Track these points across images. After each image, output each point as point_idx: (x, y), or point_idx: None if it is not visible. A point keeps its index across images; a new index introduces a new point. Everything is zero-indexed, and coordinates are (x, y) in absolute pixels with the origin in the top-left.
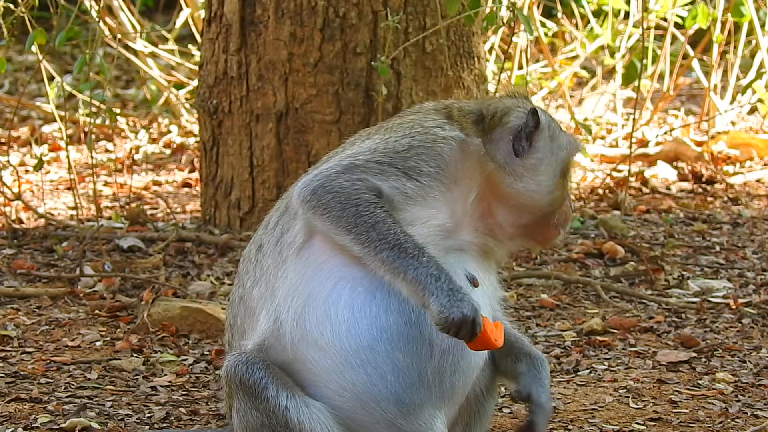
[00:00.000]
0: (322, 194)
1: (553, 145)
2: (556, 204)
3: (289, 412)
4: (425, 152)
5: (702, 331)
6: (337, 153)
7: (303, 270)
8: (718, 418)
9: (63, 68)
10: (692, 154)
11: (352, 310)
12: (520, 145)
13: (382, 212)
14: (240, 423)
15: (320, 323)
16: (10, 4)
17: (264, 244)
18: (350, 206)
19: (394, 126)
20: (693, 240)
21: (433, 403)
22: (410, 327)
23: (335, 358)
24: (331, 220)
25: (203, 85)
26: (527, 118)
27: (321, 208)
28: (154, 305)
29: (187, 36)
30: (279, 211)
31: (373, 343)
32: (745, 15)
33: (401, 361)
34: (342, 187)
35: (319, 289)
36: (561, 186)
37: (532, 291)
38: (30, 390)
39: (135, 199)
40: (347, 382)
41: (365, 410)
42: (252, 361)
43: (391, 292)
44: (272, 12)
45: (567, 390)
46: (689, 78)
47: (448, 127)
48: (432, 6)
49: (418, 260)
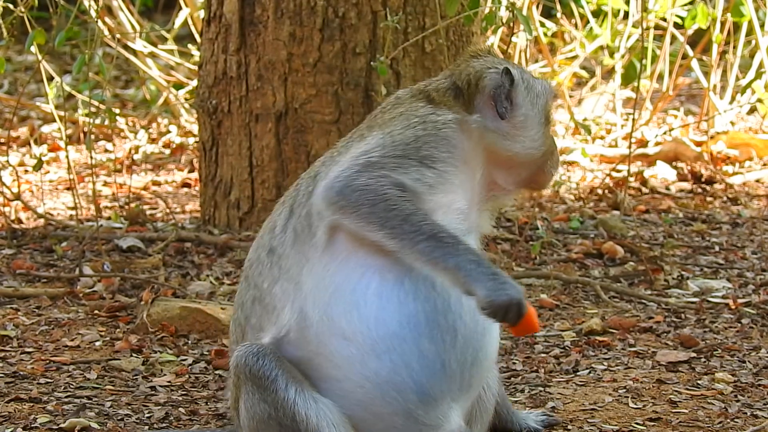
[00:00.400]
0: (348, 194)
1: (531, 97)
2: (549, 151)
3: (297, 405)
4: (433, 140)
5: (701, 331)
6: (341, 154)
7: (329, 264)
8: (717, 418)
9: (62, 68)
10: (692, 154)
11: (380, 297)
12: (502, 107)
13: (411, 205)
14: (247, 414)
15: (348, 312)
16: (9, 4)
17: (276, 247)
18: (379, 202)
19: (387, 121)
20: (692, 240)
21: (452, 395)
22: (437, 313)
23: (361, 347)
24: (361, 218)
25: (202, 85)
26: (502, 79)
27: (350, 208)
28: (154, 305)
29: (186, 36)
30: (284, 216)
31: (400, 330)
32: (745, 15)
33: (427, 348)
34: (367, 185)
35: (347, 280)
36: (548, 133)
37: (531, 291)
38: (29, 390)
39: (134, 199)
40: (371, 372)
41: (386, 401)
42: (263, 353)
43: (418, 279)
44: (272, 12)
45: (566, 390)
46: (689, 78)
47: (440, 111)
48: (431, 6)
49: (456, 248)
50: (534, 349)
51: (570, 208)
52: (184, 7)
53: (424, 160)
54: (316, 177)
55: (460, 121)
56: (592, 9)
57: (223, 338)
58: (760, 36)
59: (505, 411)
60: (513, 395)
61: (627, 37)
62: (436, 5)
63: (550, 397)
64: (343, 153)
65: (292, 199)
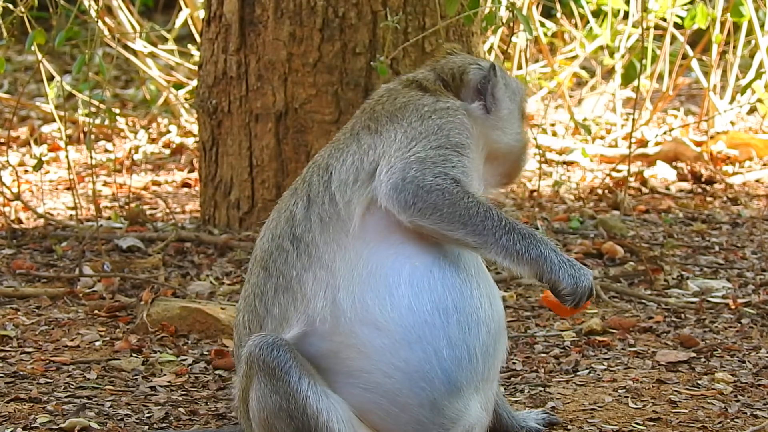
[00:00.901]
0: (424, 196)
1: (510, 93)
2: (527, 145)
3: (309, 398)
4: (455, 126)
5: (701, 331)
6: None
7: (361, 250)
8: (717, 418)
9: (62, 68)
10: (691, 154)
11: (412, 285)
12: (489, 100)
13: (483, 201)
14: (258, 405)
15: (381, 299)
16: (9, 4)
17: (302, 234)
18: (458, 201)
19: (395, 112)
20: (692, 240)
21: (475, 386)
22: (464, 301)
23: (393, 335)
24: (443, 218)
25: (202, 85)
26: (489, 74)
27: (429, 210)
28: (154, 305)
29: (186, 36)
30: (302, 206)
31: (431, 318)
32: (745, 15)
33: (456, 336)
34: (439, 185)
35: (380, 266)
36: (525, 127)
37: (531, 291)
38: (29, 390)
39: (134, 199)
40: (401, 361)
41: (413, 391)
42: (277, 344)
43: (445, 266)
44: (271, 12)
45: (566, 390)
46: (688, 78)
47: (443, 99)
48: (431, 6)
49: (535, 239)
50: (534, 349)
51: (570, 208)
52: (184, 7)
53: (456, 148)
54: (328, 167)
55: (466, 108)
56: (592, 9)
57: (223, 338)
58: (760, 36)
59: (505, 414)
60: (513, 395)
61: (627, 37)
62: (436, 5)
63: (549, 397)
64: (354, 146)
65: (307, 188)
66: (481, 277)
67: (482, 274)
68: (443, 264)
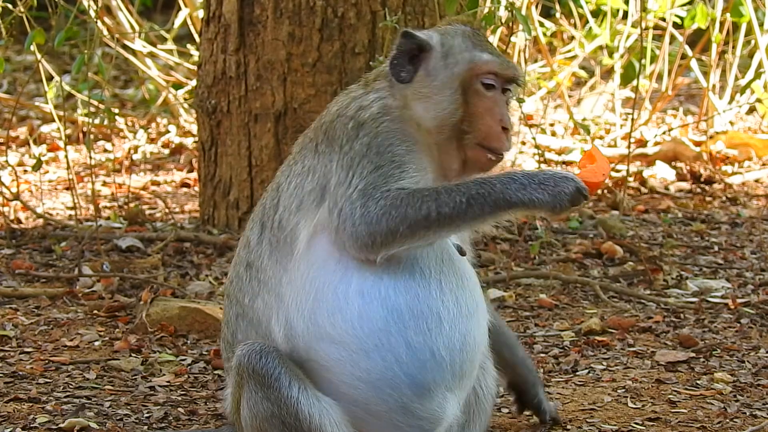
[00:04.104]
0: (378, 230)
1: (447, 62)
2: (460, 122)
3: (301, 404)
4: (382, 136)
5: (700, 331)
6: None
7: (307, 271)
8: (716, 418)
9: (61, 68)
10: (691, 154)
11: (362, 295)
12: (403, 70)
13: (430, 191)
14: (249, 413)
15: (332, 314)
16: (8, 4)
17: (253, 261)
18: (408, 213)
19: (328, 135)
20: (691, 240)
21: (446, 384)
22: (420, 303)
23: (349, 347)
24: (405, 237)
25: (202, 85)
26: (399, 42)
27: (389, 237)
28: (153, 305)
29: (185, 36)
30: (256, 231)
31: (385, 325)
32: (744, 15)
33: (414, 340)
34: (384, 210)
35: (327, 283)
36: (466, 102)
37: (530, 291)
38: (28, 390)
39: (133, 199)
40: (362, 371)
41: (381, 398)
42: (266, 351)
43: (397, 271)
44: (271, 12)
45: (565, 390)
46: (688, 78)
47: (366, 97)
48: (430, 6)
49: (493, 188)
50: (533, 349)
51: None
52: (183, 7)
53: (392, 160)
54: (278, 189)
55: (386, 105)
56: (591, 9)
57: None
58: (760, 36)
59: (533, 390)
60: (513, 395)
61: (626, 36)
62: (435, 5)
63: (549, 397)
64: (299, 165)
65: (261, 214)
66: (446, 275)
67: (448, 271)
68: (395, 270)
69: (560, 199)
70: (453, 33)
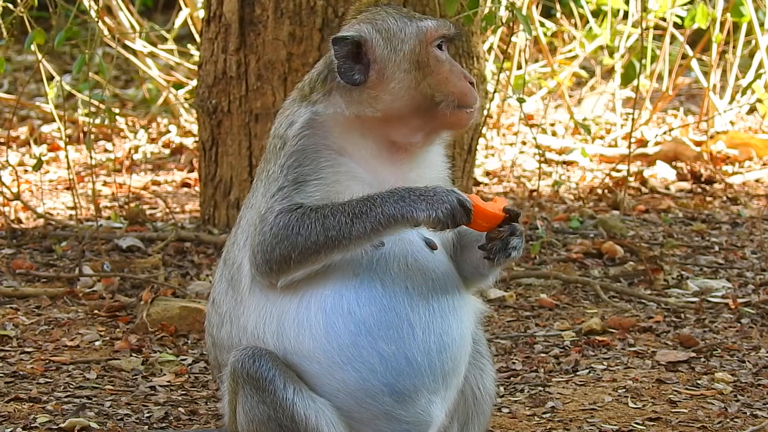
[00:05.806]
0: (272, 258)
1: (393, 45)
2: (430, 93)
3: (296, 406)
4: (294, 159)
5: (701, 330)
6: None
7: (265, 303)
8: (717, 417)
9: (62, 68)
10: (691, 153)
11: (324, 313)
12: (353, 72)
13: (319, 213)
14: (246, 418)
15: (298, 335)
16: (9, 4)
17: (216, 297)
18: (297, 237)
19: (265, 158)
20: (692, 240)
21: (427, 388)
22: (386, 313)
23: (322, 362)
24: (298, 263)
25: (202, 85)
26: (334, 50)
27: (284, 264)
28: (153, 305)
29: (186, 36)
30: (220, 267)
31: (354, 339)
32: (745, 15)
33: (386, 350)
34: (279, 237)
35: (286, 310)
36: (428, 73)
37: (531, 291)
38: (29, 390)
39: (134, 199)
40: (339, 382)
41: (363, 407)
42: (258, 355)
43: (358, 285)
44: (271, 12)
45: (566, 390)
46: (688, 78)
47: (300, 112)
48: (431, 6)
49: (373, 204)
50: (533, 348)
51: (570, 208)
52: (183, 7)
53: (297, 181)
54: (239, 222)
55: (311, 119)
56: (591, 9)
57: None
58: (760, 36)
59: None
60: (513, 395)
61: (626, 36)
62: (435, 5)
63: (549, 397)
64: (252, 192)
65: (226, 249)
66: (413, 278)
67: (416, 274)
68: (356, 283)
69: (439, 210)
70: (379, 17)
